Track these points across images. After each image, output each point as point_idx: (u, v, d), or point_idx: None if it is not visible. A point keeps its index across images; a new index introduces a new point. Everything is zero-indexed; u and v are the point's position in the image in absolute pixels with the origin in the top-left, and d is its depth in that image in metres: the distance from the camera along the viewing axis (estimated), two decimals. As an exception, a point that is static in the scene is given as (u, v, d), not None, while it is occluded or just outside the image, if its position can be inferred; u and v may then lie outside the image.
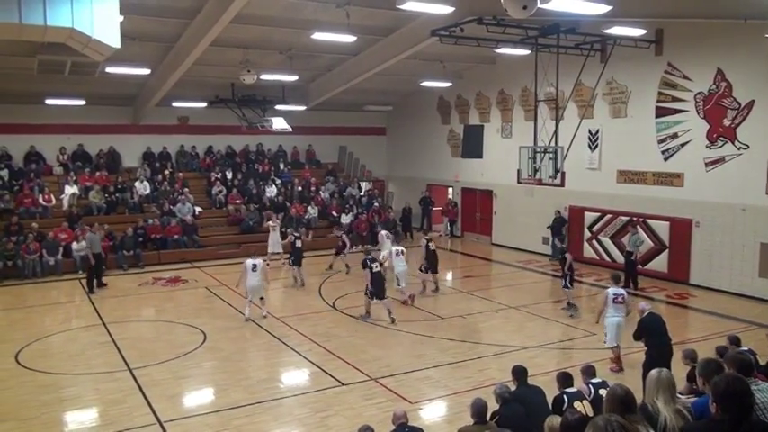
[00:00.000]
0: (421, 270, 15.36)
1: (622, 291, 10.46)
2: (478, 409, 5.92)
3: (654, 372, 4.42)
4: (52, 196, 20.03)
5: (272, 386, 9.74)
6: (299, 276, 16.29)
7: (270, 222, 19.31)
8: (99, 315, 13.66)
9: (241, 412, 8.63)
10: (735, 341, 7.54)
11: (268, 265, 17.72)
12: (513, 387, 6.73)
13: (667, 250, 16.55)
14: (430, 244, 15.40)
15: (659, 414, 4.10)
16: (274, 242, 18.63)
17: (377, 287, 12.83)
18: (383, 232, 18.16)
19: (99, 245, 16.43)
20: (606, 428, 3.16)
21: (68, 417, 8.72)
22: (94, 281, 16.01)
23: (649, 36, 15.94)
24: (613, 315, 10.18)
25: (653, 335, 8.65)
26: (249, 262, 13.12)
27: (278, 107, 22.29)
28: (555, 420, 4.90)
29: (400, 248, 14.78)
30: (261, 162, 25.12)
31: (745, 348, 7.02)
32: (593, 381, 6.84)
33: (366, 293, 13.05)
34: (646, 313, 8.89)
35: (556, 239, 13.64)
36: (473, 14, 13.83)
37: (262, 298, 13.22)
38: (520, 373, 6.92)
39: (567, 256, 13.97)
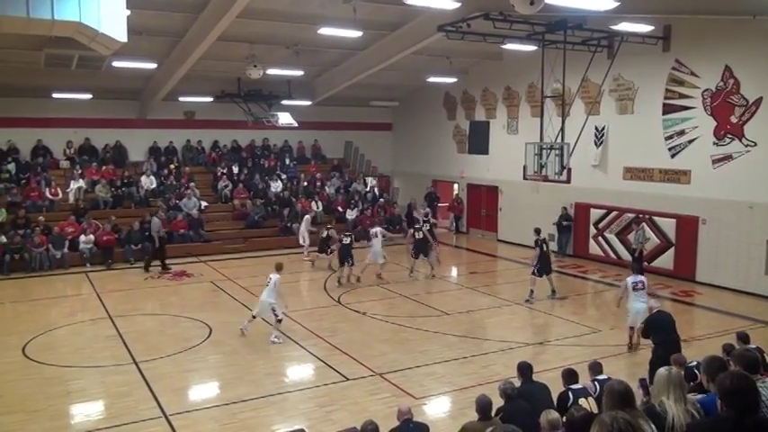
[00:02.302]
0: (412, 256, 16.63)
1: (641, 277, 10.96)
2: (483, 406, 5.91)
3: (663, 370, 4.37)
4: (59, 190, 20.15)
5: (278, 380, 9.77)
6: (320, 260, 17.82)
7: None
8: (105, 308, 13.72)
9: (246, 406, 8.66)
10: (743, 338, 7.54)
11: (311, 260, 18.23)
12: (517, 383, 6.71)
13: (673, 247, 16.47)
14: (417, 233, 16.58)
15: (667, 413, 4.06)
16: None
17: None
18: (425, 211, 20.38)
19: (161, 228, 17.45)
20: (612, 425, 3.12)
21: (75, 409, 8.76)
22: (159, 264, 17.43)
23: (657, 32, 15.84)
24: (636, 301, 10.68)
25: (659, 332, 8.67)
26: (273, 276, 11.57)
27: (284, 102, 22.28)
28: (552, 415, 4.88)
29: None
30: (267, 157, 25.13)
31: (753, 346, 7.00)
32: (599, 377, 6.83)
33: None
34: (654, 311, 8.96)
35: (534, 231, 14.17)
36: (480, 10, 13.75)
37: (279, 320, 11.40)
38: (525, 369, 6.91)
39: (538, 249, 14.28)
